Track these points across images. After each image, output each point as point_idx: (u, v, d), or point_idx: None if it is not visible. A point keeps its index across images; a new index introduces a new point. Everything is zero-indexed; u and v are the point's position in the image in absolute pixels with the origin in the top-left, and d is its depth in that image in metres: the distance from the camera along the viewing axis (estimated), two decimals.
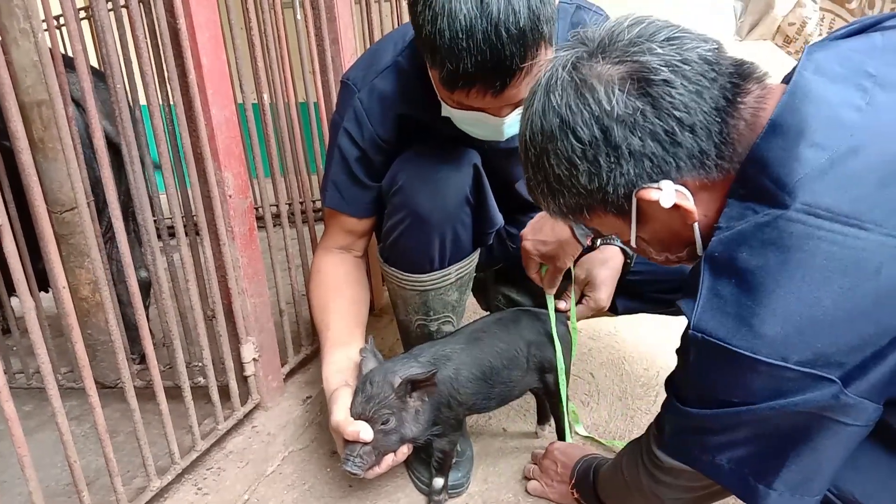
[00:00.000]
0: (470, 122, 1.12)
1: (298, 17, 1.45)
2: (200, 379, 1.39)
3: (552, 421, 1.37)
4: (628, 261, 1.33)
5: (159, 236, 1.33)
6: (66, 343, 1.66)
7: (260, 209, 1.53)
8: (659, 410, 0.88)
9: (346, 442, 1.07)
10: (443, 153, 1.18)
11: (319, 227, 1.75)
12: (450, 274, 1.25)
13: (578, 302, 1.31)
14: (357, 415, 1.07)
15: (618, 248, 1.32)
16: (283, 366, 1.52)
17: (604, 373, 1.67)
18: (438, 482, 1.22)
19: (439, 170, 1.17)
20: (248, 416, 1.41)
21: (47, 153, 1.40)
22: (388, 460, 1.09)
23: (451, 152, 1.19)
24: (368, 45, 2.23)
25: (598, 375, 1.65)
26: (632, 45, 0.73)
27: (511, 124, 1.09)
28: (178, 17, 1.15)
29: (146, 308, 1.56)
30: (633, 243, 0.82)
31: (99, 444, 1.08)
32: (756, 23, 1.93)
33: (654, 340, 1.79)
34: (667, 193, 0.72)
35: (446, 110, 1.13)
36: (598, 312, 1.33)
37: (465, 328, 1.25)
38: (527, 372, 1.24)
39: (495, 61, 0.94)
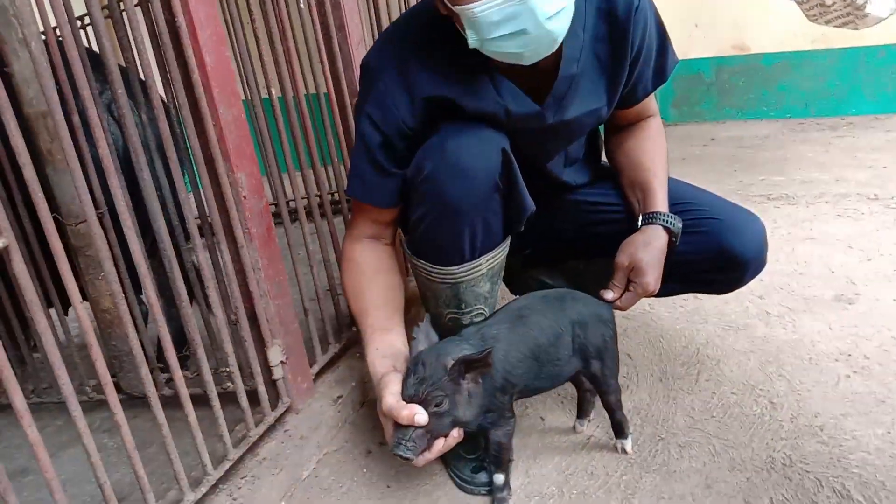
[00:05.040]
0: (496, 20, 0.98)
1: (301, 5, 1.39)
2: (229, 384, 1.37)
3: (592, 415, 1.32)
4: (673, 239, 1.26)
5: (176, 242, 1.30)
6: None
7: (276, 205, 1.49)
8: (703, 389, 0.82)
9: (397, 426, 1.03)
10: (470, 138, 1.11)
11: (338, 221, 1.71)
12: (481, 265, 1.19)
13: (625, 290, 1.24)
14: (409, 397, 1.03)
15: (661, 227, 1.24)
16: (311, 366, 1.48)
17: (641, 352, 1.61)
18: (499, 478, 1.17)
19: (467, 156, 1.10)
20: (279, 420, 1.38)
21: (56, 165, 1.37)
22: (440, 445, 1.05)
23: (478, 136, 1.12)
24: (376, 30, 2.19)
25: (636, 356, 1.60)
26: None
27: (547, 11, 0.97)
28: (177, 14, 1.10)
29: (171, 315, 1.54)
30: None
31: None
32: None
33: (691, 315, 1.73)
34: None
35: (471, 30, 1.02)
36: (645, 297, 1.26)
37: (509, 306, 1.18)
38: (572, 353, 1.18)
39: None
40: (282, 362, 1.34)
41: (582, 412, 1.35)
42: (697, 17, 3.49)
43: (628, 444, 1.27)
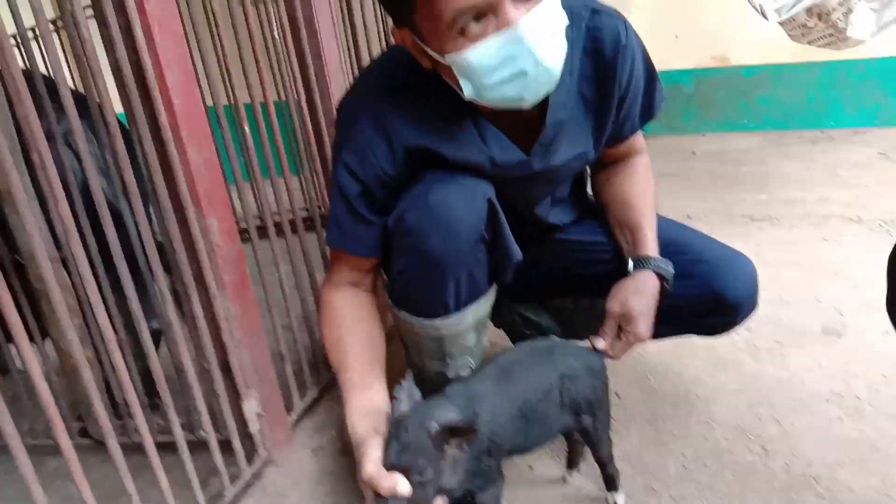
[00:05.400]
0: (493, 65, 0.93)
1: (275, 34, 1.32)
2: (202, 432, 1.29)
3: (581, 466, 1.27)
4: (665, 284, 1.21)
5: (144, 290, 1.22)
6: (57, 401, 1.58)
7: (243, 222, 1.39)
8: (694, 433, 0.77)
9: (378, 496, 0.97)
10: (454, 188, 1.06)
11: (310, 236, 1.63)
12: (466, 317, 1.14)
13: (617, 337, 1.19)
14: (391, 465, 0.96)
15: (652, 273, 1.19)
16: (289, 412, 1.42)
17: (630, 391, 1.56)
18: None
19: (451, 208, 1.04)
20: (256, 474, 1.31)
21: (14, 205, 1.28)
22: None
23: (462, 186, 1.06)
24: (354, 59, 2.11)
25: (625, 395, 1.55)
26: None
27: (539, 42, 0.92)
28: (142, 54, 1.02)
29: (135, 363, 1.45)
30: None
31: None
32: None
33: (679, 350, 1.69)
34: None
35: (464, 78, 0.97)
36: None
37: (496, 360, 1.12)
38: (561, 409, 1.13)
39: None
40: (258, 414, 1.27)
41: (571, 462, 1.31)
42: (677, 28, 3.47)
43: (620, 497, 1.23)
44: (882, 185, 2.61)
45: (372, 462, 0.97)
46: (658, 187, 1.38)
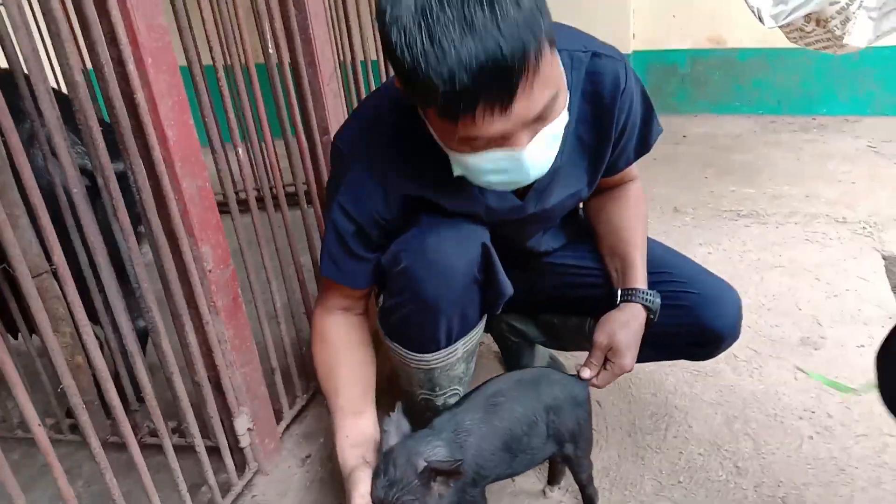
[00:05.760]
0: (487, 169, 0.96)
1: (270, 50, 1.30)
2: (193, 439, 1.33)
3: (562, 482, 1.32)
4: (651, 316, 1.24)
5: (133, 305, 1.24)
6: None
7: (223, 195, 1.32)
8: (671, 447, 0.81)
9: None
10: (450, 233, 1.08)
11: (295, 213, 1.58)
12: (457, 350, 1.17)
13: (602, 367, 1.22)
14: (379, 500, 1.01)
15: (640, 306, 1.22)
16: (279, 422, 1.45)
17: (611, 400, 1.61)
18: None
19: (446, 253, 1.06)
20: (246, 485, 1.35)
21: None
22: None
23: (458, 231, 1.08)
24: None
25: (606, 404, 1.60)
26: None
27: (535, 161, 0.95)
28: (136, 90, 1.01)
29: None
30: None
31: None
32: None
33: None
34: None
35: (457, 164, 0.99)
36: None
37: (482, 390, 1.16)
38: (546, 439, 1.17)
39: (494, 66, 0.80)
40: (249, 429, 1.31)
41: (552, 479, 1.36)
42: (675, 8, 3.42)
43: None
44: (869, 181, 2.64)
45: (361, 496, 1.02)
46: (647, 173, 1.38)
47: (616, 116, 1.12)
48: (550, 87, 0.88)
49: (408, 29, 0.80)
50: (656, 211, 2.57)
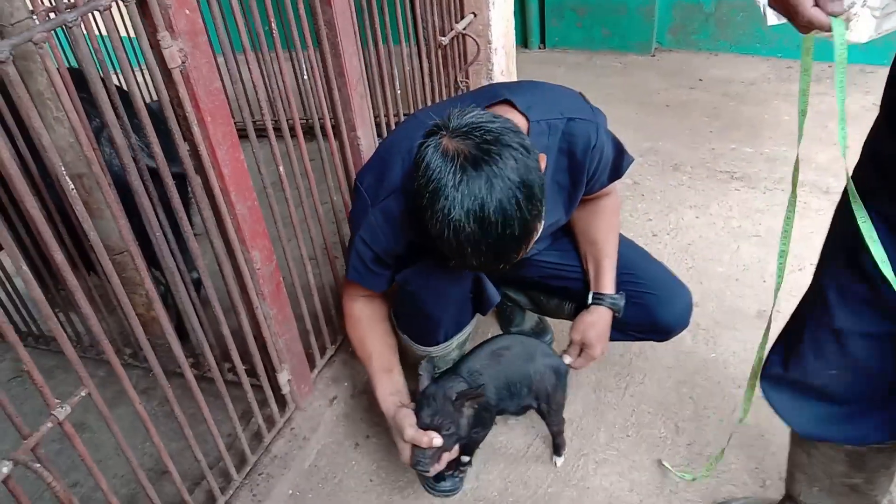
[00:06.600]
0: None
1: (305, 76, 1.53)
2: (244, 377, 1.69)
3: (543, 437, 1.68)
4: (616, 314, 1.56)
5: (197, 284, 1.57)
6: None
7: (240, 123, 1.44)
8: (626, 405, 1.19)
9: (415, 448, 1.37)
10: (448, 271, 1.37)
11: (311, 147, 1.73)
12: (452, 344, 1.52)
13: (578, 355, 1.58)
14: (425, 426, 1.37)
15: (606, 308, 1.55)
16: (312, 369, 1.82)
17: None
18: (466, 458, 1.56)
19: (445, 284, 1.38)
20: (286, 421, 1.74)
21: (93, 212, 1.59)
22: (446, 457, 1.40)
23: (455, 271, 1.37)
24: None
25: None
26: None
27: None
28: (199, 143, 1.28)
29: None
30: None
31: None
32: None
33: None
34: None
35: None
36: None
37: (489, 345, 1.51)
38: (529, 392, 1.52)
39: (497, 256, 1.11)
40: (288, 380, 1.67)
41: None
42: None
43: (560, 460, 1.65)
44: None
45: (411, 426, 1.36)
46: (656, 119, 1.59)
47: (588, 166, 1.36)
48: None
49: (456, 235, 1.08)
50: (657, 167, 2.77)
